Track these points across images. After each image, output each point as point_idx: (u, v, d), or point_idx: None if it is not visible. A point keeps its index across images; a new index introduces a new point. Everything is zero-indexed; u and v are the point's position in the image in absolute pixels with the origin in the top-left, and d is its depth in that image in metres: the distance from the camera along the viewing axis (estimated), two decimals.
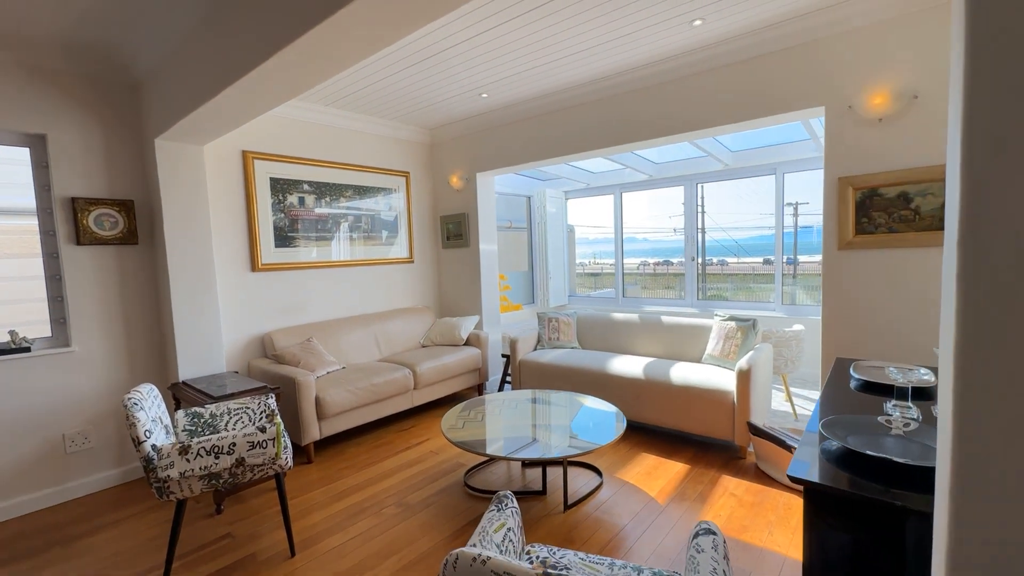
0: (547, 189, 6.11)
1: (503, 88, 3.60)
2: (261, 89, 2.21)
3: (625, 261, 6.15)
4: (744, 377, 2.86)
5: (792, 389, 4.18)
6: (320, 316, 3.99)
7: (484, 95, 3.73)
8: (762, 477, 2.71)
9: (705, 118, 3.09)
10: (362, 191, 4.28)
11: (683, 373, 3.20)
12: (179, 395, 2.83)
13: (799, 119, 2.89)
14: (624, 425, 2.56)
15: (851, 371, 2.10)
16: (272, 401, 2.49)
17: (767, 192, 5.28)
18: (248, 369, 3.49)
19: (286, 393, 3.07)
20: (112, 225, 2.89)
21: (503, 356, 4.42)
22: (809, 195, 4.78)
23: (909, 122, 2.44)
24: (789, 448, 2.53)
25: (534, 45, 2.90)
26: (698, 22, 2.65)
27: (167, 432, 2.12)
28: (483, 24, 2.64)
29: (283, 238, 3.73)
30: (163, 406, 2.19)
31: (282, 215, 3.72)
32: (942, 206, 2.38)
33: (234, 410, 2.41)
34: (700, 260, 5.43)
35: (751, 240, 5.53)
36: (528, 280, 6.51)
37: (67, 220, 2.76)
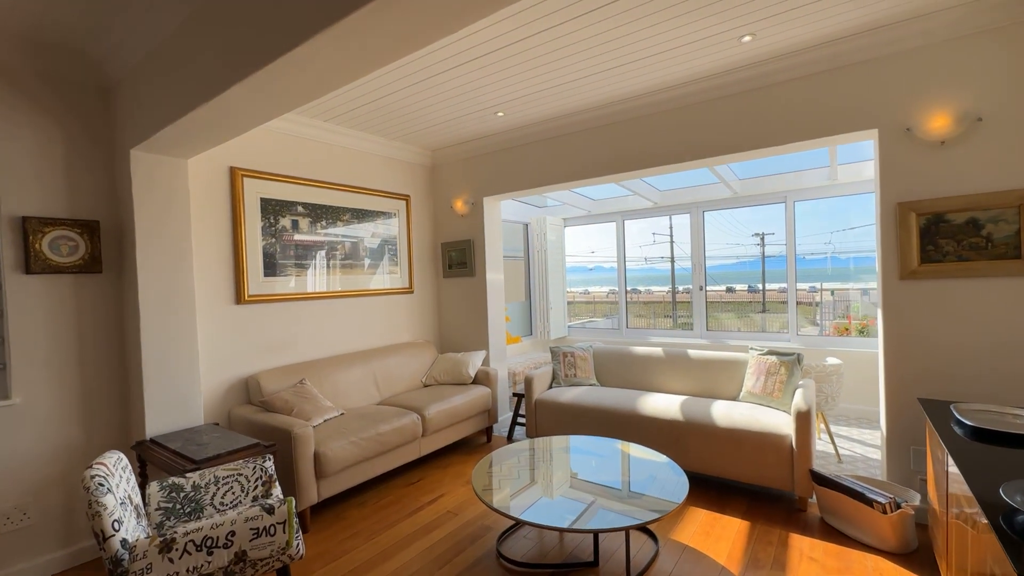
0: (547, 216, 5.88)
1: (522, 106, 3.36)
2: (267, 93, 1.86)
3: (594, 290, 5.90)
4: (804, 419, 2.59)
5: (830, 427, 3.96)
6: (312, 354, 3.52)
7: (500, 113, 3.48)
8: (833, 534, 2.41)
9: (745, 141, 2.92)
10: (360, 215, 3.90)
11: (728, 414, 2.91)
12: (147, 457, 2.32)
13: (846, 142, 2.75)
14: (685, 479, 2.22)
15: (957, 416, 1.86)
16: (270, 464, 2.04)
17: (734, 222, 5.22)
18: (229, 420, 2.98)
19: (280, 449, 2.59)
20: (71, 250, 2.41)
21: (514, 395, 4.04)
22: (816, 223, 4.72)
23: (975, 145, 2.31)
24: (870, 502, 2.25)
25: (562, 60, 2.67)
26: (748, 38, 2.49)
27: (138, 515, 1.65)
28: (507, 37, 2.41)
29: (273, 266, 3.29)
30: (133, 479, 1.72)
31: (273, 240, 3.29)
32: (1017, 232, 2.23)
33: (223, 479, 1.94)
34: (678, 289, 5.25)
35: (715, 269, 5.50)
36: (525, 311, 6.19)
37: (15, 244, 2.27)
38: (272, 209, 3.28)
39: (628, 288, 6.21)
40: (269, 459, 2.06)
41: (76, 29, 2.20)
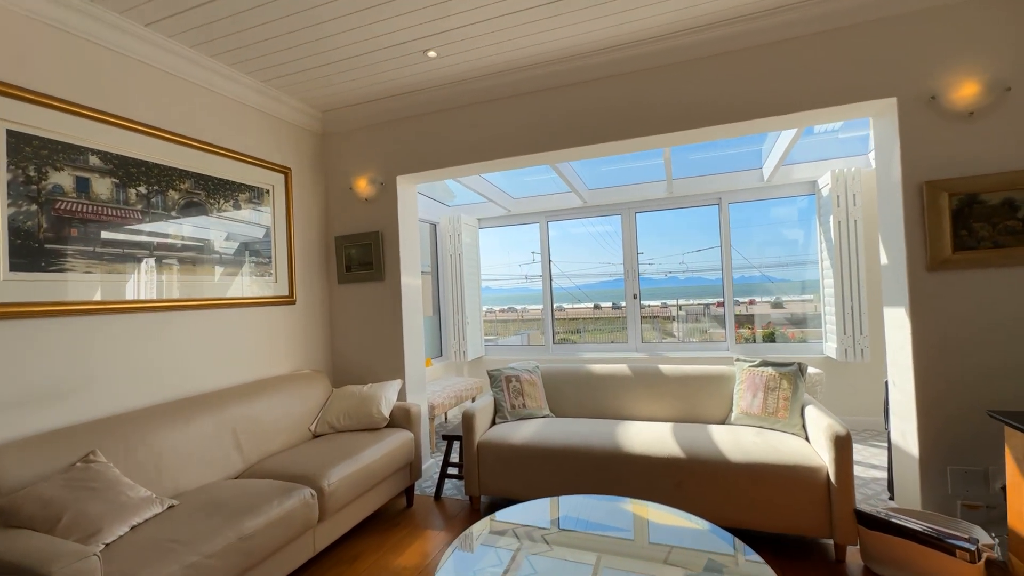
0: (462, 215, 5.00)
1: (462, 45, 2.48)
2: None
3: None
4: (844, 446, 2.07)
5: None
6: (118, 403, 2.12)
7: (432, 53, 2.54)
8: None
9: (746, 107, 2.42)
10: (212, 187, 2.60)
11: (737, 443, 2.31)
12: None
13: (858, 115, 2.40)
14: (756, 558, 1.50)
15: None
16: None
17: (606, 240, 5.05)
18: None
19: None
20: None
21: (443, 437, 3.01)
22: (749, 227, 4.61)
23: (1006, 117, 2.05)
24: (951, 550, 1.77)
25: None
26: None
27: None
28: None
29: (37, 253, 1.88)
30: None
31: (34, 207, 1.88)
32: None
33: None
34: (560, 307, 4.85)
35: (591, 286, 5.32)
36: (435, 328, 5.17)
37: None
38: (34, 153, 1.88)
39: (504, 308, 5.77)
40: None
41: None
